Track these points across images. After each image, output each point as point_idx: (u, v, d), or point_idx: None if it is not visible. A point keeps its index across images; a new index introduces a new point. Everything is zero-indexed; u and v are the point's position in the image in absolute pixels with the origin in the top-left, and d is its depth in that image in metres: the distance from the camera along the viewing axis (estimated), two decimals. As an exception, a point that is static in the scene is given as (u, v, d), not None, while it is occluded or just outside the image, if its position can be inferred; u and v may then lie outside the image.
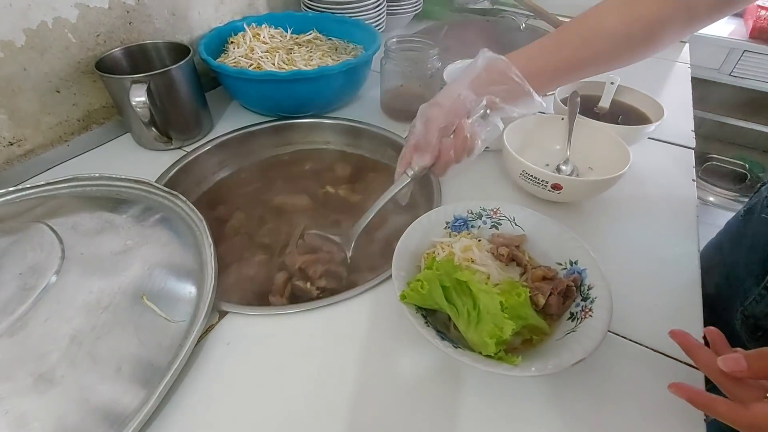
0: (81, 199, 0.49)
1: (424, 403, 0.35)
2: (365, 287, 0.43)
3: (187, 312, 0.39)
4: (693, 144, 0.66)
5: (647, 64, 0.91)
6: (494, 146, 0.62)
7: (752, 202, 0.53)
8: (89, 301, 0.36)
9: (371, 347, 0.38)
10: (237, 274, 0.50)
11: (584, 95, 0.66)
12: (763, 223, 0.48)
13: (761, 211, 0.49)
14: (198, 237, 0.46)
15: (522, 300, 0.34)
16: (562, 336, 0.35)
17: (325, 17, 0.79)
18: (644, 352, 0.39)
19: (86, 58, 0.58)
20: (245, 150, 0.67)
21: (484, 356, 0.33)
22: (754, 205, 0.52)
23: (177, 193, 0.49)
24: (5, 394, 0.31)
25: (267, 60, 0.66)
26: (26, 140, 0.56)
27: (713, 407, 0.28)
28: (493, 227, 0.45)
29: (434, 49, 0.65)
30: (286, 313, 0.41)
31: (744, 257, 0.50)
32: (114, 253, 0.41)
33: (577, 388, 0.36)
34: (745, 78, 1.49)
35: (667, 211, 0.54)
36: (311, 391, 0.36)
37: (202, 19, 0.72)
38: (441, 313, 0.38)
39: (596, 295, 0.36)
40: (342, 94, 0.71)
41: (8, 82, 0.52)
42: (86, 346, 0.34)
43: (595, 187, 0.50)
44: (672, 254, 0.48)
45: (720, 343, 0.32)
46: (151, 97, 0.55)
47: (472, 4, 1.09)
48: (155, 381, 0.34)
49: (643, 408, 0.35)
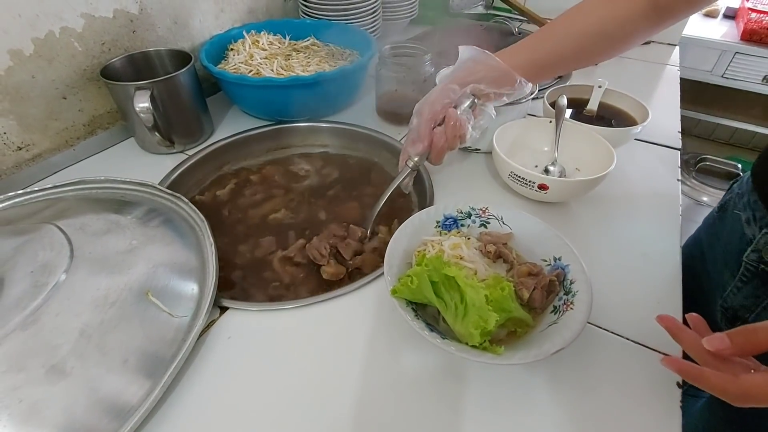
0: (87, 202, 0.51)
1: (420, 392, 0.37)
2: (362, 282, 0.45)
3: (189, 308, 0.41)
4: (679, 145, 0.68)
5: (637, 67, 0.94)
6: (485, 148, 0.64)
7: (725, 199, 0.56)
8: (97, 297, 0.38)
9: (368, 340, 0.40)
10: (236, 271, 0.52)
11: (573, 98, 0.68)
12: (736, 219, 0.50)
13: (733, 207, 0.51)
14: (199, 237, 0.48)
15: (506, 294, 0.36)
16: (545, 328, 0.37)
17: (323, 24, 0.82)
18: (626, 344, 0.40)
19: (92, 65, 0.61)
20: (245, 153, 0.69)
21: (470, 347, 0.35)
22: (727, 202, 0.54)
23: (179, 195, 0.51)
24: (19, 384, 0.33)
25: (266, 66, 0.68)
26: (34, 145, 0.58)
27: (704, 378, 0.29)
28: (481, 226, 0.47)
29: (427, 55, 0.67)
30: (285, 308, 0.43)
31: (721, 252, 0.52)
32: (120, 252, 0.43)
33: (564, 378, 0.38)
34: (737, 79, 1.51)
35: (652, 208, 0.56)
36: (310, 383, 0.37)
37: (203, 27, 0.75)
38: (431, 307, 0.40)
39: (577, 290, 0.38)
40: (338, 99, 0.73)
41: (17, 90, 0.54)
42: (95, 340, 0.36)
43: (579, 187, 0.52)
44: (655, 250, 0.50)
45: (702, 328, 0.33)
46: (154, 102, 0.57)
47: (466, 10, 1.11)
48: (159, 373, 0.36)
49: (624, 395, 0.37)
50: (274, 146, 0.71)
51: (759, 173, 0.49)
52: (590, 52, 0.49)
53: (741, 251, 0.47)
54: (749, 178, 0.50)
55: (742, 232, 0.48)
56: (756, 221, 0.46)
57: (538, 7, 1.06)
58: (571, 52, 0.49)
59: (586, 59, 0.51)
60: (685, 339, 0.32)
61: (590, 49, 0.49)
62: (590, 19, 0.47)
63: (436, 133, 0.49)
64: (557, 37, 0.49)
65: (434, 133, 0.49)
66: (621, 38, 0.48)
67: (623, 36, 0.47)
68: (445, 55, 0.90)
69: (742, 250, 0.47)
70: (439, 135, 0.49)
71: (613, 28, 0.47)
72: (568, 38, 0.48)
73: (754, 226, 0.46)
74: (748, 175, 0.51)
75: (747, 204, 0.48)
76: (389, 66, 0.67)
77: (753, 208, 0.47)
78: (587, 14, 0.48)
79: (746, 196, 0.49)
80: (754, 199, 0.47)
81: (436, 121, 0.50)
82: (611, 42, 0.48)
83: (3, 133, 0.55)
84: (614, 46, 0.49)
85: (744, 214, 0.48)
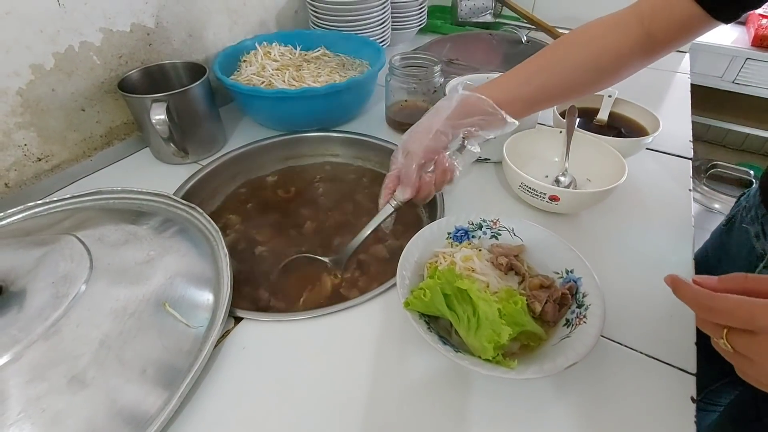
0: (105, 212, 0.52)
1: (432, 404, 0.37)
2: (374, 293, 0.46)
3: (205, 318, 0.42)
4: (690, 154, 0.68)
5: (647, 75, 0.94)
6: (495, 157, 0.64)
7: (733, 212, 0.55)
8: (116, 308, 0.39)
9: (381, 351, 0.41)
10: (250, 282, 0.52)
11: (583, 108, 0.69)
12: (744, 232, 0.49)
13: (741, 221, 0.51)
14: (214, 247, 0.49)
15: (519, 307, 0.36)
16: (558, 341, 0.37)
17: (333, 34, 0.83)
18: (640, 358, 0.40)
19: (109, 78, 0.62)
20: (257, 163, 0.70)
21: (483, 360, 0.35)
22: (735, 215, 0.54)
23: (194, 205, 0.52)
24: (42, 393, 0.33)
25: (278, 77, 0.69)
26: (53, 156, 0.60)
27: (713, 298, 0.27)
28: (493, 237, 0.47)
29: (437, 65, 0.68)
30: (299, 319, 0.44)
31: (730, 267, 0.52)
32: (138, 263, 0.43)
33: (576, 391, 0.38)
34: (749, 85, 1.50)
35: (664, 220, 0.56)
36: (323, 393, 0.38)
37: (217, 39, 0.76)
38: (443, 320, 0.40)
39: (590, 303, 0.38)
40: (349, 109, 0.74)
41: (38, 102, 0.56)
42: (114, 350, 0.36)
43: (591, 199, 0.52)
44: (667, 262, 0.50)
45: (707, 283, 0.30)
46: (170, 114, 0.58)
47: (474, 18, 1.12)
48: (177, 383, 0.36)
49: (637, 409, 0.36)
50: (286, 156, 0.72)
51: None
52: (581, 86, 0.48)
53: (751, 266, 0.47)
54: (757, 190, 0.50)
55: (751, 246, 0.48)
56: (766, 236, 0.46)
57: (547, 15, 1.06)
58: (562, 87, 0.48)
59: (576, 93, 0.50)
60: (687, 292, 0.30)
61: (581, 83, 0.48)
62: (583, 52, 0.46)
63: (425, 179, 0.47)
64: (549, 71, 0.48)
65: (423, 178, 0.47)
66: (613, 71, 0.47)
67: (616, 69, 0.47)
68: (454, 64, 0.91)
69: (753, 265, 0.46)
70: (428, 182, 0.48)
71: (607, 61, 0.46)
72: (560, 72, 0.47)
73: (764, 240, 0.46)
74: (755, 188, 0.51)
75: (755, 218, 0.48)
76: (399, 76, 0.68)
77: (762, 222, 0.47)
78: (579, 47, 0.47)
79: (754, 209, 0.49)
80: (763, 213, 0.47)
81: (427, 167, 0.48)
82: (603, 75, 0.47)
83: (24, 145, 0.57)
84: (606, 79, 0.48)
85: (753, 228, 0.48)
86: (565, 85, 0.48)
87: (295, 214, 0.63)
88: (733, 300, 0.26)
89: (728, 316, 0.26)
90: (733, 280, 0.28)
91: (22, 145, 0.56)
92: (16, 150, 0.56)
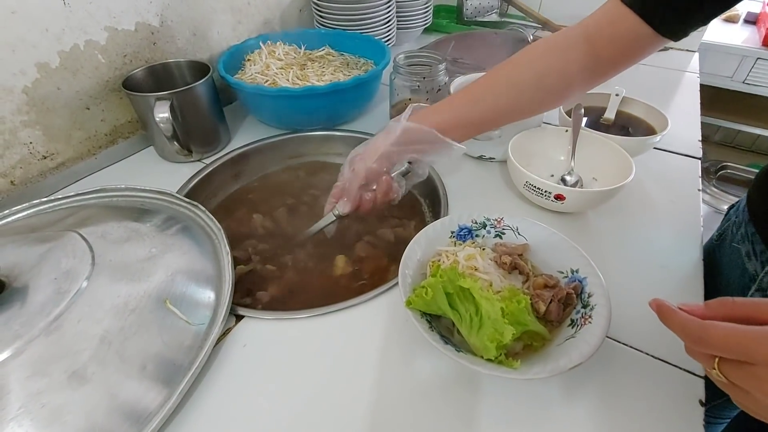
0: (108, 209, 0.53)
1: (434, 403, 0.36)
2: (376, 292, 0.45)
3: (206, 315, 0.42)
4: (699, 154, 0.67)
5: (656, 75, 0.93)
6: (500, 156, 0.63)
7: (723, 227, 0.53)
8: (117, 304, 0.39)
9: (382, 349, 0.40)
10: (251, 279, 0.52)
11: (590, 107, 0.68)
12: (735, 251, 0.48)
13: (731, 239, 0.49)
14: (216, 245, 0.49)
15: (522, 307, 0.36)
16: (562, 342, 0.36)
17: (337, 33, 0.83)
18: (646, 359, 0.40)
19: (114, 77, 0.62)
20: (261, 162, 0.70)
21: (485, 360, 0.34)
22: (725, 231, 0.52)
23: (197, 203, 0.52)
24: (43, 388, 0.33)
25: (282, 76, 0.69)
26: (58, 154, 0.60)
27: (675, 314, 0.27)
28: (496, 236, 0.47)
29: (441, 64, 0.67)
30: (300, 317, 0.43)
31: (723, 284, 0.50)
32: (139, 260, 0.43)
33: (583, 393, 0.37)
34: (759, 85, 1.47)
35: (671, 219, 0.55)
36: (324, 392, 0.37)
37: (221, 38, 0.76)
38: (446, 319, 0.39)
39: (595, 303, 0.38)
40: (353, 108, 0.73)
41: (44, 101, 0.56)
42: (115, 346, 0.36)
43: (597, 198, 0.51)
44: (675, 263, 0.49)
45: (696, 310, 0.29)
46: (174, 113, 0.58)
47: (480, 17, 1.12)
48: (177, 379, 0.36)
49: (644, 412, 0.36)
50: (289, 154, 0.72)
51: (755, 201, 0.47)
52: (528, 106, 0.48)
53: (744, 287, 0.45)
54: (745, 206, 0.48)
55: (743, 267, 0.46)
56: (757, 256, 0.45)
57: (553, 14, 1.05)
58: (508, 108, 0.48)
59: (523, 114, 0.50)
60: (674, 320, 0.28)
61: (528, 103, 0.48)
62: (529, 72, 0.46)
63: (365, 197, 0.49)
64: (495, 92, 0.47)
65: (363, 197, 0.49)
66: (560, 91, 0.47)
67: (563, 89, 0.46)
68: (459, 63, 0.91)
69: (746, 286, 0.45)
70: (368, 200, 0.49)
71: (553, 80, 0.45)
72: (506, 93, 0.47)
73: (755, 261, 0.45)
74: (743, 203, 0.49)
75: (745, 236, 0.47)
76: (403, 75, 0.67)
77: (752, 241, 0.46)
78: (523, 67, 0.46)
79: (743, 227, 0.47)
80: (752, 231, 0.46)
81: (368, 187, 0.49)
82: (549, 95, 0.47)
83: (29, 143, 0.57)
84: (552, 99, 0.48)
85: (743, 247, 0.47)
86: (512, 106, 0.48)
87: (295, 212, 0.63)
88: (723, 329, 0.24)
89: (719, 347, 0.25)
90: (721, 306, 0.26)
91: (27, 143, 0.57)
92: (22, 148, 0.57)
